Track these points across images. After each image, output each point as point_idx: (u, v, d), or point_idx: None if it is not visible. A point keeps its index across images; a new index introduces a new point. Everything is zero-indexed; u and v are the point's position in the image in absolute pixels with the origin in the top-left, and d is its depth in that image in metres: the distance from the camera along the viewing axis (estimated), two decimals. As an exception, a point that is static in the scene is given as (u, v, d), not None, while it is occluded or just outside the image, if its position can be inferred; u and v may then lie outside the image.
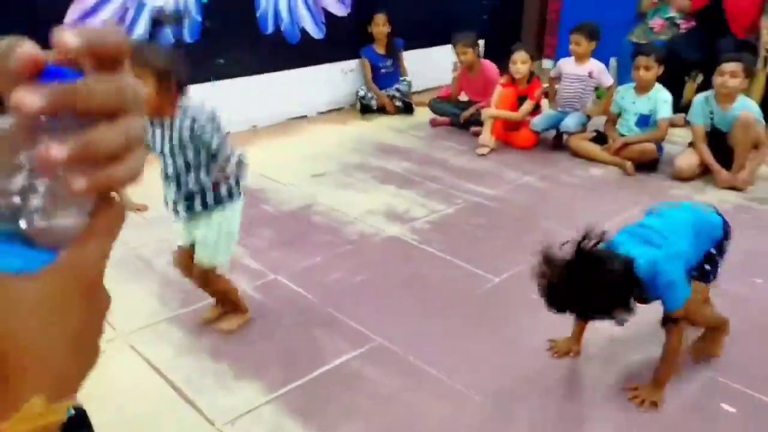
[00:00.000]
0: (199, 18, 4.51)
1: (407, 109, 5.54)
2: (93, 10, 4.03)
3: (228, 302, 2.46)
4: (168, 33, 4.34)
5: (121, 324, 2.41)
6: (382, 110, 5.52)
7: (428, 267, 2.99)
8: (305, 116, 5.39)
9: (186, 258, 2.30)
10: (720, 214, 2.25)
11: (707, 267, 2.16)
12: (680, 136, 4.52)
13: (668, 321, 2.05)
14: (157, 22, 1.85)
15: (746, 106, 3.86)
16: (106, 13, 4.07)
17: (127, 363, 2.25)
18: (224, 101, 4.72)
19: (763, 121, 3.93)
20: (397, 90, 5.55)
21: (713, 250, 2.16)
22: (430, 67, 5.98)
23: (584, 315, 2.07)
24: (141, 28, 4.24)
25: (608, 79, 4.57)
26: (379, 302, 2.69)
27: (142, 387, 2.16)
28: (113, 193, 0.36)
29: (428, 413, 2.07)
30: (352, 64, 5.60)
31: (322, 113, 5.50)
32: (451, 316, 2.59)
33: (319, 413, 2.06)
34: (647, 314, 2.11)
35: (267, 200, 3.70)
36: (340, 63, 5.53)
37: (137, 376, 2.21)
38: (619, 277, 1.89)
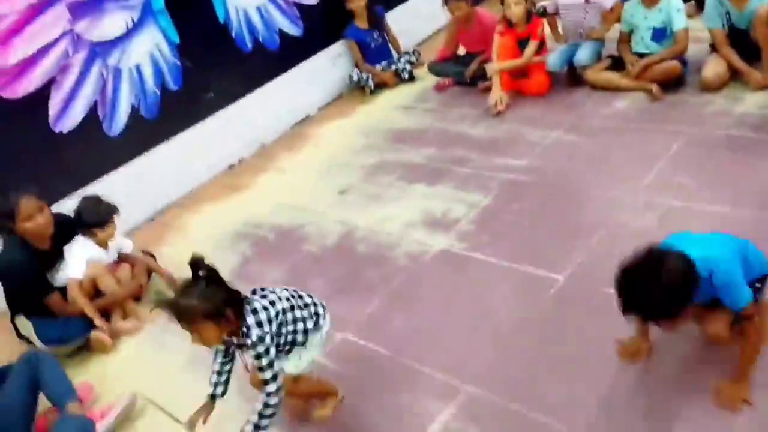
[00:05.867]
0: (177, 61, 4.32)
1: (409, 77, 5.32)
2: (73, 92, 3.88)
3: (314, 396, 2.46)
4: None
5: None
6: (382, 86, 5.31)
7: (486, 280, 2.90)
8: (308, 116, 5.22)
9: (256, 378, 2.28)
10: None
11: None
12: (701, 30, 4.02)
13: (740, 320, 1.98)
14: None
15: (764, -1, 3.56)
16: (87, 88, 3.92)
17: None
18: (227, 131, 4.65)
19: (787, 9, 3.64)
20: (408, 62, 5.31)
21: (758, 284, 2.06)
22: (417, 20, 5.70)
23: (647, 314, 1.93)
24: (124, 96, 4.10)
25: (608, 0, 4.26)
26: (451, 341, 2.63)
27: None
28: None
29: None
30: (339, 48, 5.35)
31: (322, 108, 5.31)
32: (527, 338, 2.52)
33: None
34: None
35: (306, 238, 3.62)
36: (326, 50, 5.29)
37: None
38: (679, 273, 1.80)
